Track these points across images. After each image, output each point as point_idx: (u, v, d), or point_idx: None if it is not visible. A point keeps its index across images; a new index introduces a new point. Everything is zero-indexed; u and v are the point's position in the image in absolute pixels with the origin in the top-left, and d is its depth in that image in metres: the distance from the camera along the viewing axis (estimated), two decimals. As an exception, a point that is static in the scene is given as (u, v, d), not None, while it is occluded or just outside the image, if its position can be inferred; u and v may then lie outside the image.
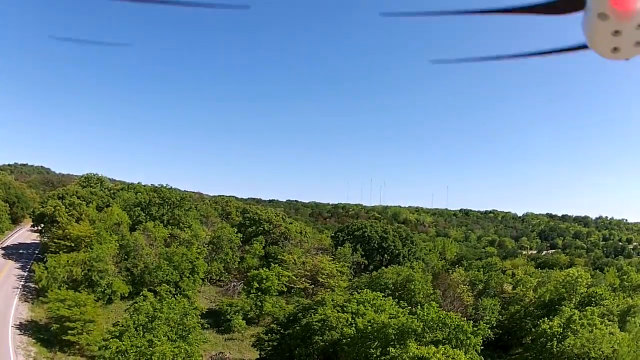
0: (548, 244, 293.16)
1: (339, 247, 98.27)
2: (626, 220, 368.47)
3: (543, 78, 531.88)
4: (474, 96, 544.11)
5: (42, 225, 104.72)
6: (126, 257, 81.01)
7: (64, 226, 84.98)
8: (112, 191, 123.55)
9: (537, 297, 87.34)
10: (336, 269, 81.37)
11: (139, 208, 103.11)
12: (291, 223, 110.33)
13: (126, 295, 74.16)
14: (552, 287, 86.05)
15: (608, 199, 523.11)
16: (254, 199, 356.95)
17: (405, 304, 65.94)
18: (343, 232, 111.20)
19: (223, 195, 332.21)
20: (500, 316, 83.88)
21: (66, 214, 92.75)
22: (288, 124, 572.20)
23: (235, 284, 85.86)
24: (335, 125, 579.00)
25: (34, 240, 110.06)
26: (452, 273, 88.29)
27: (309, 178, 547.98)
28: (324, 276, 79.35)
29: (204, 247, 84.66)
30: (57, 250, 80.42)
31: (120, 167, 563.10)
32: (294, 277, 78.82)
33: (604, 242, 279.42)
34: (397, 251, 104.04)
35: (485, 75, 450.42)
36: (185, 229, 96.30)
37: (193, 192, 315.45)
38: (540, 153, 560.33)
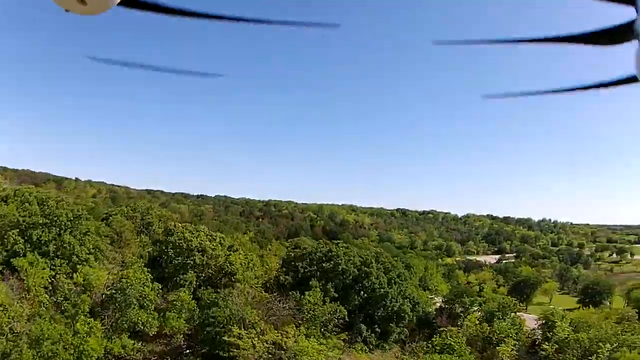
0: (496, 248, 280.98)
1: (304, 295, 67.50)
2: (570, 222, 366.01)
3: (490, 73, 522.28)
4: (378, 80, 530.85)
5: None
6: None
7: None
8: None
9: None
10: (323, 355, 50.08)
11: (17, 230, 66.73)
12: (234, 249, 79.29)
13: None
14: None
15: (549, 200, 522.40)
16: (182, 193, 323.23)
17: None
18: (304, 262, 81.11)
19: (150, 189, 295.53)
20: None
21: None
22: (218, 111, 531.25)
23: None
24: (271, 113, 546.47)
25: None
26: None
27: (237, 172, 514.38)
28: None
29: (97, 309, 51.69)
30: None
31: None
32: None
33: (554, 247, 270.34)
34: (382, 290, 76.14)
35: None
36: (78, 265, 62.76)
37: (120, 185, 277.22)
38: (474, 152, 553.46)
